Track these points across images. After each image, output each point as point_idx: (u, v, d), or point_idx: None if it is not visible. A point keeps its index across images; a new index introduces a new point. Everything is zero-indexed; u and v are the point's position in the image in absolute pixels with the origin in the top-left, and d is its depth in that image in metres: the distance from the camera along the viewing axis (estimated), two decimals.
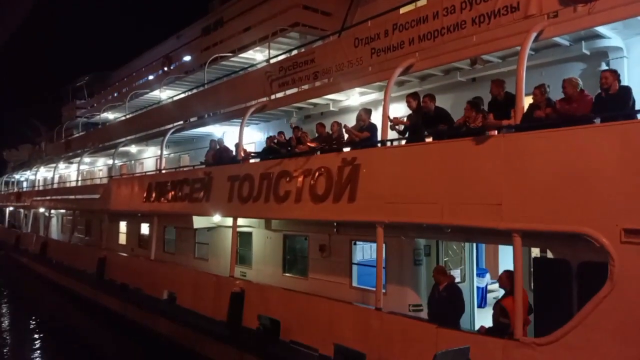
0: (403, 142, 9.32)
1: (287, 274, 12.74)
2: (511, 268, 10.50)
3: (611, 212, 5.99)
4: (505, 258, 11.97)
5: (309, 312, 9.90)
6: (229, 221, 13.68)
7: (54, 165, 30.65)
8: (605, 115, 6.32)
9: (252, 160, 12.90)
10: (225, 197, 12.63)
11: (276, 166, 11.30)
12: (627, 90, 6.48)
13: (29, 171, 37.94)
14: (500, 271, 12.08)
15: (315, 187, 10.01)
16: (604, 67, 8.24)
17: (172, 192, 15.28)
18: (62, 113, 37.32)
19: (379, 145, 9.06)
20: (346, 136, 10.32)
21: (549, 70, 8.75)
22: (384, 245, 8.72)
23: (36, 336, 18.21)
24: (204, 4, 24.51)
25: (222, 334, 11.24)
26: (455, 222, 7.63)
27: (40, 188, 34.28)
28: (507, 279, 7.30)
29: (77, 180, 26.19)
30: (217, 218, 13.73)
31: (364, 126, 9.70)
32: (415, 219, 8.23)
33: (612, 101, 6.39)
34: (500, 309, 7.18)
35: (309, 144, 10.43)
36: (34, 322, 20.10)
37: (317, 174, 10.06)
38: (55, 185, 29.66)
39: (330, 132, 10.66)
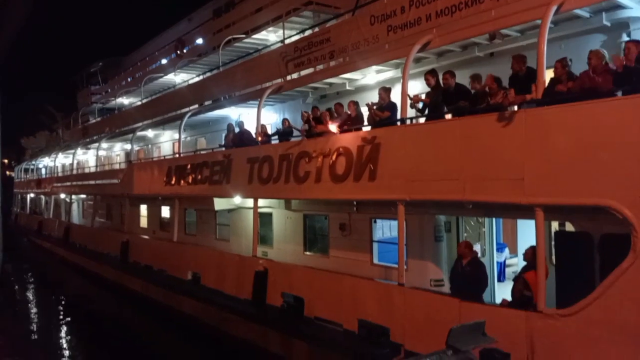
0: (422, 120, 9.35)
1: (308, 253, 12.99)
2: (530, 242, 10.66)
3: (634, 185, 6.02)
4: (524, 232, 12.02)
5: (333, 289, 10.14)
6: (249, 202, 13.89)
7: (72, 151, 31.15)
8: (628, 88, 6.29)
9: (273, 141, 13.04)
10: (246, 179, 12.82)
11: (295, 147, 11.42)
12: None
13: (47, 158, 38.57)
14: (519, 245, 12.27)
15: (335, 167, 10.13)
16: (625, 38, 8.15)
17: (192, 175, 15.53)
18: (78, 99, 37.73)
19: (399, 123, 9.12)
20: (365, 115, 10.38)
21: (569, 43, 8.67)
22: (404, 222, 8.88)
23: (64, 318, 18.78)
24: None
25: (249, 311, 11.57)
26: (477, 198, 7.72)
27: (60, 174, 34.91)
28: (532, 254, 7.40)
29: (96, 166, 26.62)
30: (237, 199, 13.95)
31: (384, 105, 9.74)
32: (436, 195, 8.33)
33: (635, 71, 6.35)
34: (523, 282, 7.30)
35: (329, 124, 10.50)
36: (61, 305, 20.70)
37: (336, 153, 10.17)
38: (75, 171, 30.19)
39: (349, 112, 10.71)
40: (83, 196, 30.09)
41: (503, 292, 10.23)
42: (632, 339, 5.96)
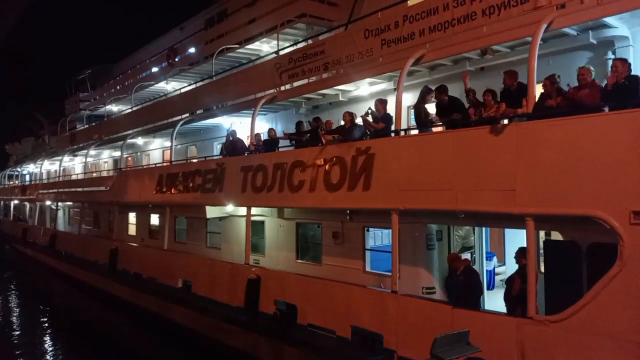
0: (415, 131, 9.60)
1: (300, 261, 13.09)
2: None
3: (621, 196, 6.30)
4: (511, 241, 12.31)
5: (326, 296, 10.26)
6: (241, 210, 14.00)
7: (59, 158, 30.86)
8: (615, 104, 6.60)
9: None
10: (239, 188, 12.92)
11: (290, 156, 11.58)
12: (636, 79, 6.75)
13: (32, 164, 38.13)
14: (507, 254, 12.57)
15: (330, 176, 10.31)
16: (610, 55, 8.53)
17: (184, 183, 15.58)
18: (65, 106, 37.46)
19: (393, 135, 9.35)
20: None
21: (557, 59, 9.02)
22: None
23: (50, 327, 18.52)
24: None
25: (241, 319, 11.62)
26: (469, 208, 7.95)
27: (45, 181, 34.52)
28: (521, 255, 7.72)
29: (83, 173, 26.42)
30: (230, 208, 14.03)
31: (379, 117, 9.98)
32: (430, 205, 8.55)
33: (621, 89, 6.67)
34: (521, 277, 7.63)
35: (324, 137, 10.68)
36: (47, 314, 20.41)
37: (331, 163, 10.35)
38: (61, 178, 29.90)
39: (343, 123, 10.92)
40: (69, 203, 29.79)
41: (493, 299, 10.48)
42: (620, 344, 6.20)
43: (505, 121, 7.65)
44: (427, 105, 9.81)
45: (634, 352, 6.09)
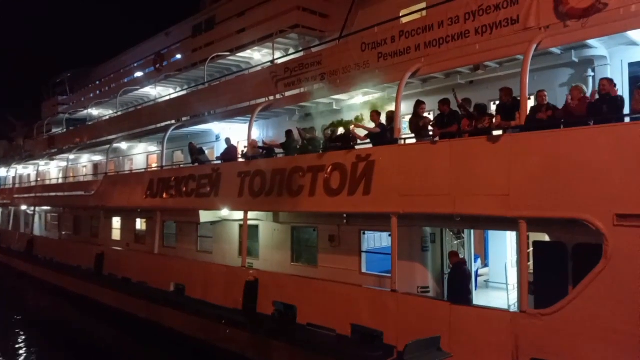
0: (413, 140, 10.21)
1: (295, 263, 13.51)
2: (500, 253, 11.75)
3: (605, 200, 7.03)
4: (494, 244, 13.09)
5: (325, 296, 10.73)
6: (235, 215, 14.34)
7: (35, 162, 30.32)
8: (600, 118, 7.37)
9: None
10: (236, 192, 13.27)
11: (289, 162, 12.03)
12: (616, 99, 7.54)
13: (5, 168, 37.22)
14: (489, 256, 13.34)
15: (330, 182, 10.81)
16: (590, 73, 9.38)
17: (177, 188, 15.77)
18: (42, 109, 36.73)
19: (396, 142, 9.91)
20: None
21: (541, 75, 9.81)
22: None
23: (31, 339, 17.82)
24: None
25: (240, 320, 11.95)
26: (466, 212, 8.59)
27: (18, 185, 33.80)
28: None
29: (64, 177, 26.08)
30: (224, 212, 14.33)
31: (375, 126, 10.60)
32: (429, 209, 9.15)
33: (602, 103, 7.46)
34: None
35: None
36: (26, 324, 19.61)
37: (330, 169, 10.86)
38: (39, 182, 29.39)
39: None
40: (46, 208, 29.28)
41: (476, 299, 11.16)
42: (605, 333, 6.90)
43: (500, 132, 8.34)
44: (424, 115, 10.47)
45: (617, 341, 6.80)
